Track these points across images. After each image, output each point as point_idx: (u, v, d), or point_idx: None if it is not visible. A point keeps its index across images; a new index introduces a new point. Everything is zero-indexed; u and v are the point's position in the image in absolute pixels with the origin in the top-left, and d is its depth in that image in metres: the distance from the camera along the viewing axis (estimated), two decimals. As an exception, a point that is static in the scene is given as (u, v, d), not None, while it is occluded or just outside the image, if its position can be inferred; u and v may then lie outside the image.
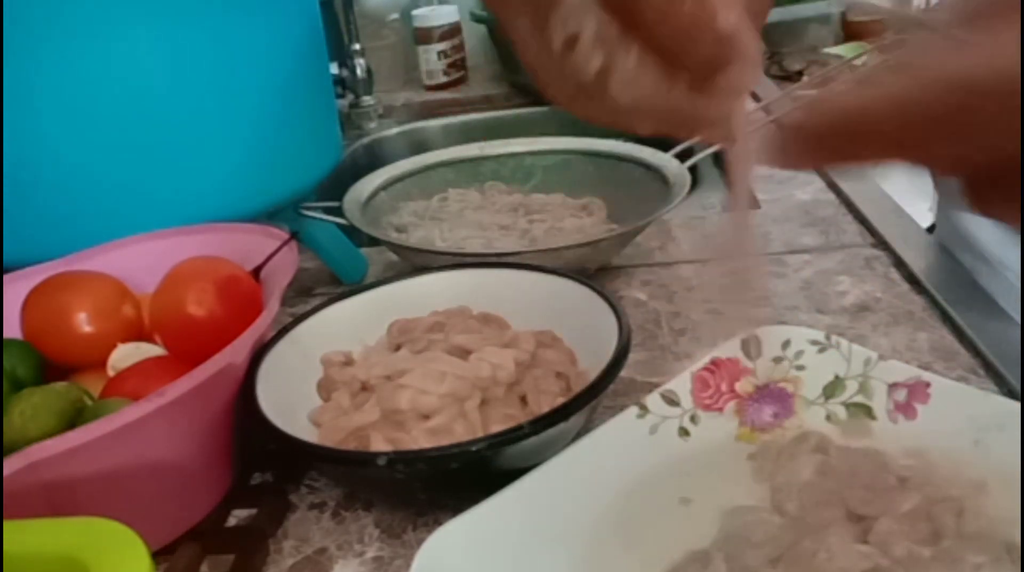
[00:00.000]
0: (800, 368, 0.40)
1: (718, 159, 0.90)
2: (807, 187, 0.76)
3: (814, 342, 0.40)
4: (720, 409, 0.39)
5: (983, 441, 0.35)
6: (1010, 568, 0.30)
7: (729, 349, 0.40)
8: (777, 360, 0.40)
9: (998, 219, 0.23)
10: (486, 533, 0.32)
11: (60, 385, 0.39)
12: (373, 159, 1.08)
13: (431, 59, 1.23)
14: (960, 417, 0.36)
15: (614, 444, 0.37)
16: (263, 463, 0.43)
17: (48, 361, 0.43)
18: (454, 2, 1.25)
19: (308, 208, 0.61)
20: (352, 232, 0.61)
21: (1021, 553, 0.30)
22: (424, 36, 1.22)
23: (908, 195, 0.71)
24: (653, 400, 0.38)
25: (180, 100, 0.49)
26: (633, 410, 0.38)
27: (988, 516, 0.32)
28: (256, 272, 0.44)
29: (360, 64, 1.10)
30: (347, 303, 0.47)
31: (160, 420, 0.34)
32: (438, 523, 0.33)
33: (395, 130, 1.16)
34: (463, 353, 0.42)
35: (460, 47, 1.26)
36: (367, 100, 1.14)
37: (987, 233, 0.59)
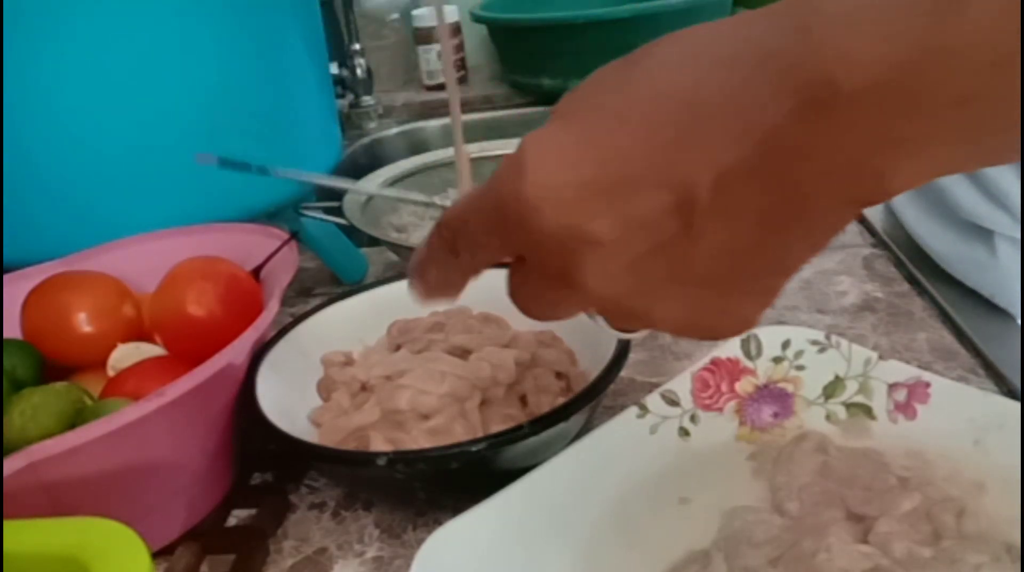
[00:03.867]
0: (800, 368, 0.40)
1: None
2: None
3: (814, 342, 0.40)
4: (720, 409, 0.39)
5: (983, 441, 0.35)
6: (1010, 568, 0.30)
7: (729, 349, 0.40)
8: (777, 360, 0.40)
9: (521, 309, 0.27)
10: (486, 533, 0.32)
11: (60, 385, 0.39)
12: (373, 159, 1.08)
13: (431, 59, 1.23)
14: (960, 417, 0.36)
15: (614, 444, 0.37)
16: (263, 463, 0.44)
17: (48, 361, 0.43)
18: (454, 2, 1.25)
19: (308, 208, 0.61)
20: (352, 232, 0.61)
21: (1021, 553, 0.30)
22: (424, 36, 1.22)
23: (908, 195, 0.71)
24: (653, 400, 0.38)
25: (180, 100, 0.49)
26: (633, 410, 0.38)
27: (988, 516, 0.32)
28: (256, 272, 0.44)
29: (360, 64, 1.10)
30: (347, 303, 0.47)
31: (160, 420, 0.34)
32: (438, 523, 0.33)
33: (395, 130, 1.16)
34: (463, 353, 0.42)
35: (460, 47, 1.25)
36: (367, 100, 1.14)
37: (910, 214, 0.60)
